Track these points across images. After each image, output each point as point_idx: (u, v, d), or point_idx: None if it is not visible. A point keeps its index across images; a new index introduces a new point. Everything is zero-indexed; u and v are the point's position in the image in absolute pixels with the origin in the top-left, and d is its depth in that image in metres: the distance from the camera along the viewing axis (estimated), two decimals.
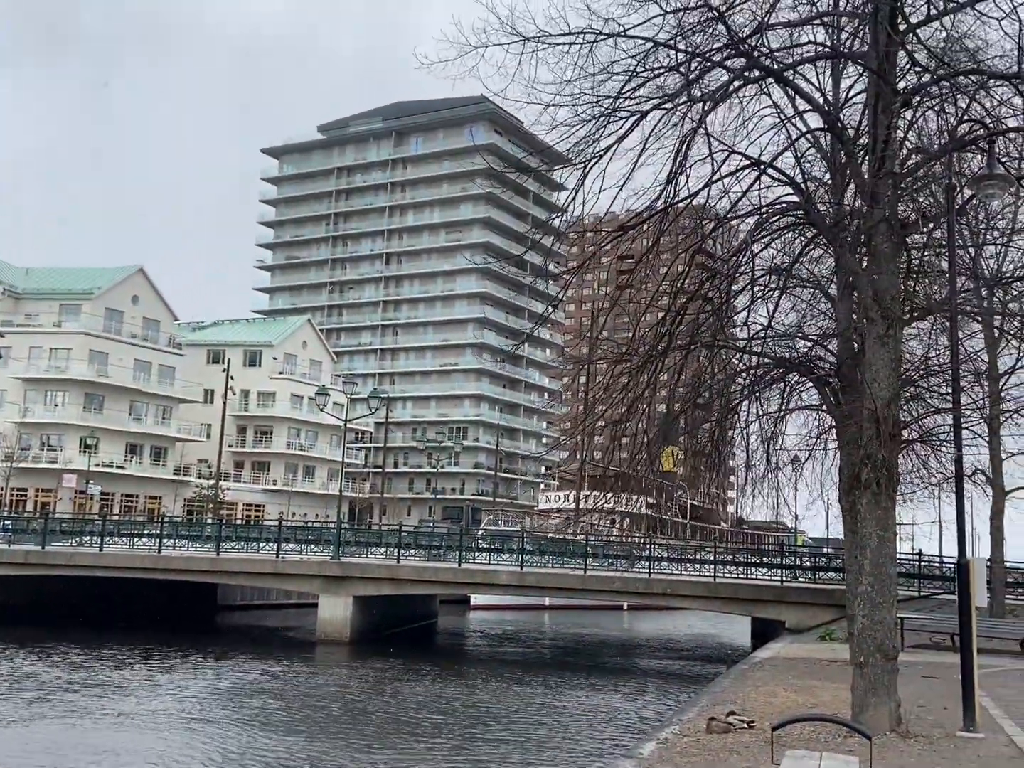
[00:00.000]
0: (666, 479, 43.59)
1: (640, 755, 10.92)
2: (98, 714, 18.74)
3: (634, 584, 31.16)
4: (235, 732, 17.60)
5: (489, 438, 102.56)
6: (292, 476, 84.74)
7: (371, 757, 15.80)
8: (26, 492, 65.59)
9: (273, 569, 32.79)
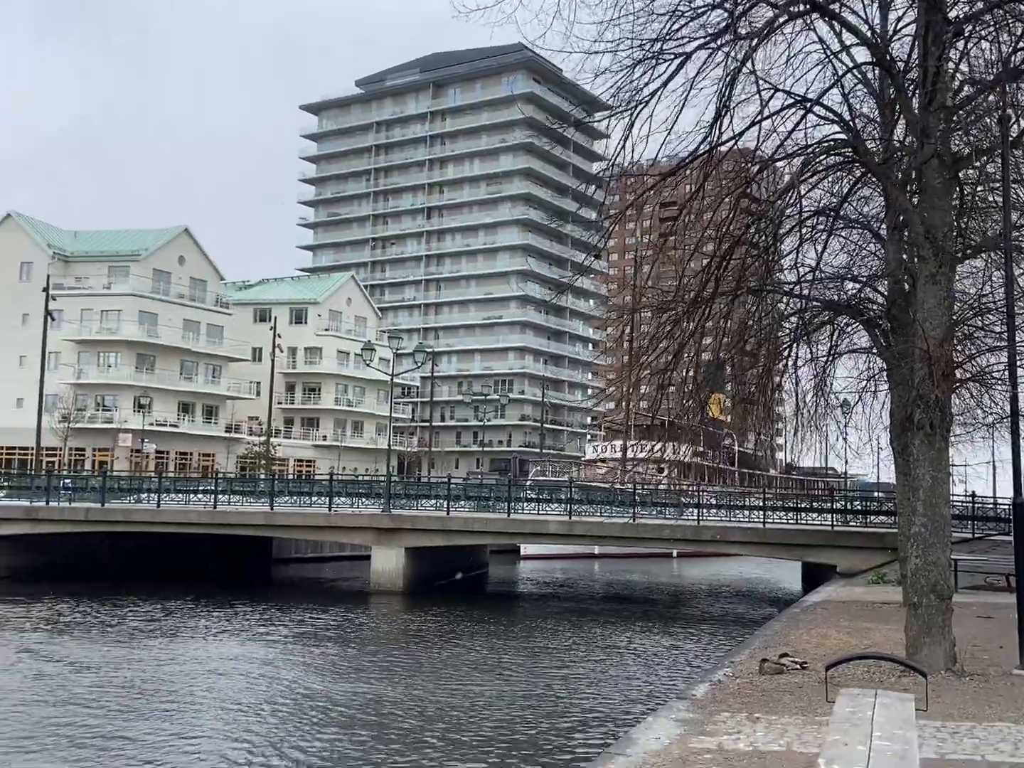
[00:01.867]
0: (713, 427, 43.44)
1: (693, 696, 11.04)
2: (171, 660, 19.43)
3: (683, 531, 31.26)
4: (301, 676, 18.19)
5: (534, 390, 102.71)
6: (341, 431, 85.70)
7: (434, 697, 16.18)
8: (84, 452, 67.09)
9: (326, 522, 33.35)
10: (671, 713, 10.36)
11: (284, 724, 14.59)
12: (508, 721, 14.74)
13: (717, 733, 9.42)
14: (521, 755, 12.76)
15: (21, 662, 19.04)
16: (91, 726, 14.08)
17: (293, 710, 15.51)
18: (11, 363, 66.95)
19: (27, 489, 37.95)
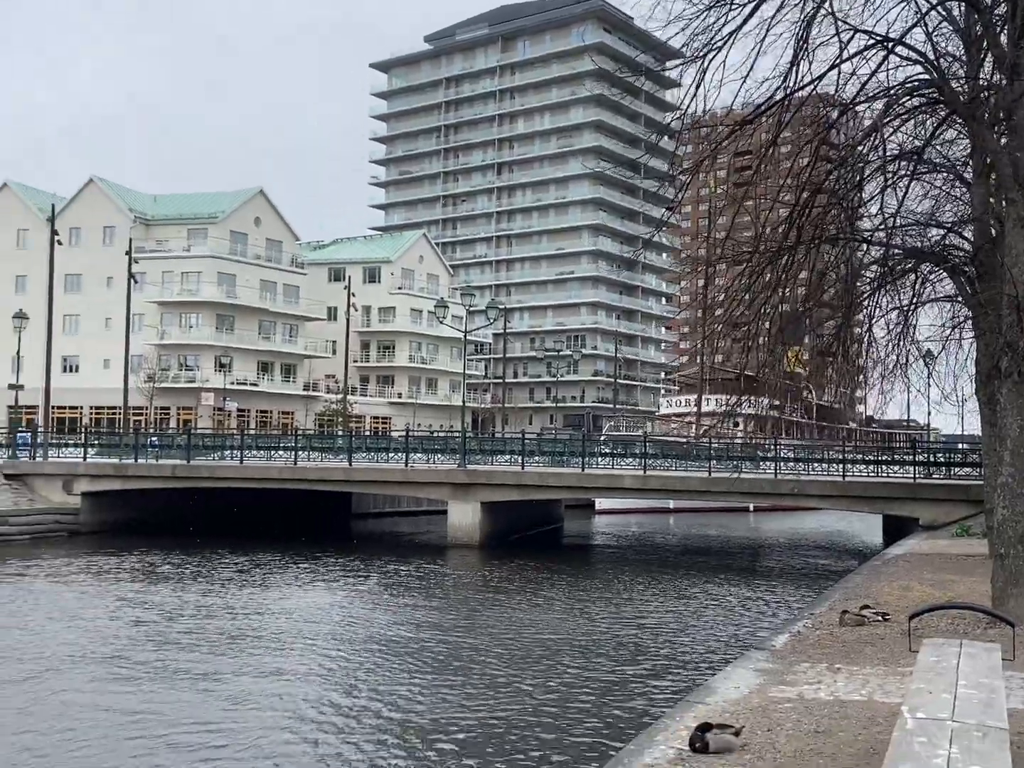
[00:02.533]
0: (790, 380, 42.81)
1: (773, 647, 11.06)
2: (261, 609, 20.10)
3: (760, 484, 31.01)
4: (386, 624, 18.71)
5: (607, 345, 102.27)
6: (416, 388, 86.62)
7: (515, 644, 16.48)
8: (169, 410, 69.06)
9: (403, 478, 33.85)
10: (750, 663, 10.39)
11: (374, 668, 15.03)
12: (588, 668, 14.95)
13: (797, 683, 9.43)
14: (602, 701, 12.93)
15: (120, 610, 19.87)
16: (186, 670, 14.67)
17: (381, 655, 15.97)
18: (98, 325, 68.99)
19: (116, 447, 39.22)
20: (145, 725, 11.94)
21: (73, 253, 66.30)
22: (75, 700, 13.02)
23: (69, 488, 34.94)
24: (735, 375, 39.98)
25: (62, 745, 11.09)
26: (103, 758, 10.66)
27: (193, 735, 11.48)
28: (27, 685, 13.71)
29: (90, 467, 35.80)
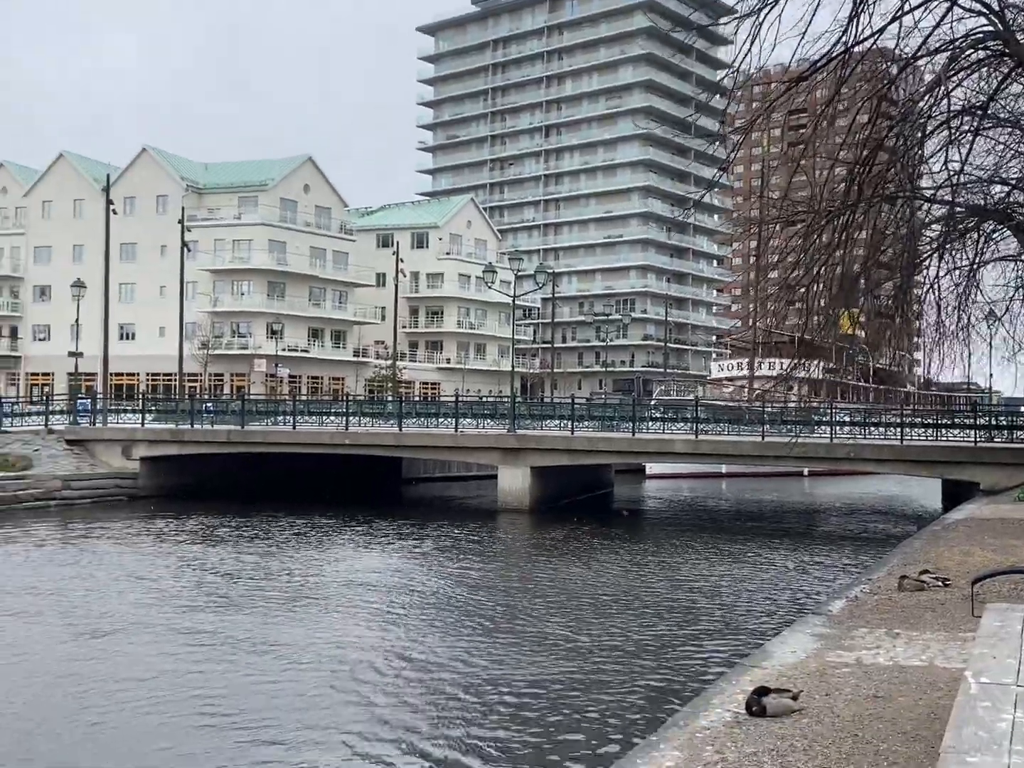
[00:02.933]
0: (846, 342, 42.13)
1: (829, 612, 10.96)
2: (317, 571, 20.47)
3: (814, 449, 30.66)
4: (439, 585, 18.95)
5: (657, 309, 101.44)
6: (464, 354, 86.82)
7: (566, 605, 16.58)
8: (222, 377, 70.03)
9: (452, 443, 34.03)
10: (807, 628, 10.32)
11: (428, 628, 15.24)
12: (642, 630, 14.98)
13: (855, 648, 9.35)
14: (656, 664, 12.94)
15: (180, 570, 20.34)
16: (246, 628, 14.98)
17: (436, 616, 16.20)
18: (153, 293, 70.03)
19: (172, 413, 39.87)
20: (207, 679, 12.24)
21: (128, 222, 67.14)
22: (140, 656, 13.37)
23: (128, 453, 35.67)
24: (789, 338, 39.40)
25: (128, 700, 11.39)
26: (167, 712, 10.93)
27: (252, 692, 11.72)
28: (95, 642, 14.09)
29: (148, 433, 36.50)
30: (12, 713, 11.10)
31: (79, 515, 29.57)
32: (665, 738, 7.57)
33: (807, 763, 6.79)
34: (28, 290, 77.84)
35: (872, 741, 7.02)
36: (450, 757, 9.61)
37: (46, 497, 31.21)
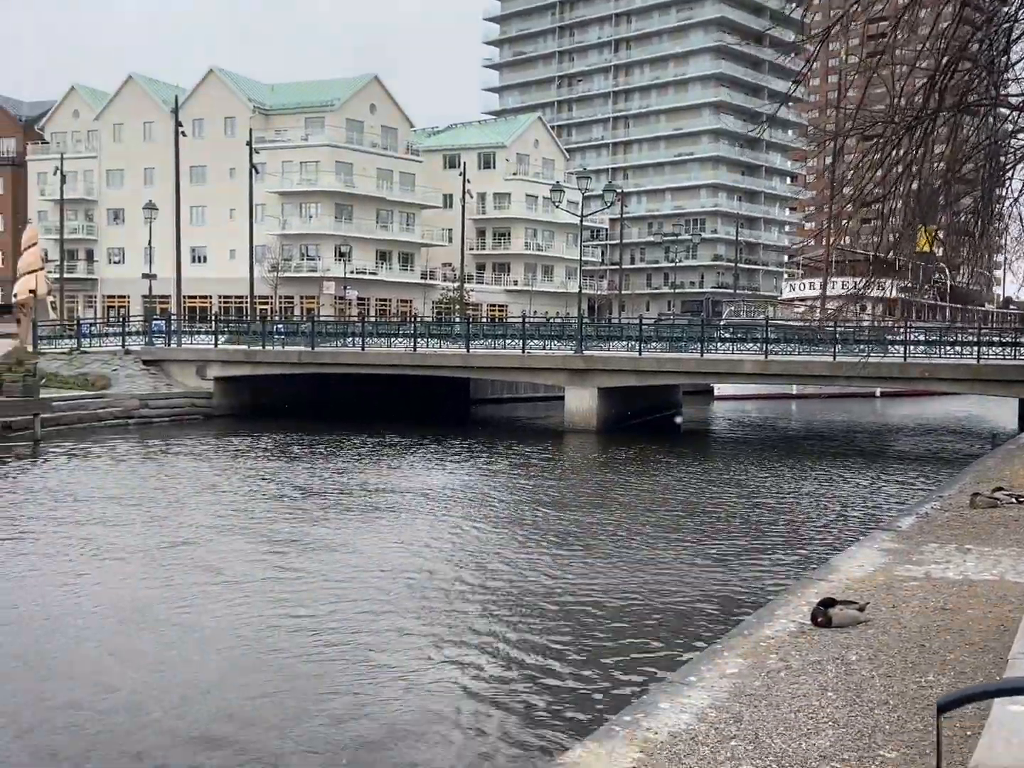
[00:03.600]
0: (923, 260, 40.95)
1: (898, 528, 10.90)
2: (390, 486, 20.93)
3: (887, 369, 30.09)
4: (507, 501, 19.34)
5: (728, 229, 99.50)
6: (531, 276, 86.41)
7: (635, 522, 16.72)
8: (292, 299, 70.88)
9: (519, 363, 34.13)
10: (875, 543, 10.28)
11: (497, 541, 15.56)
12: (707, 544, 15.07)
13: (924, 563, 9.30)
14: (723, 576, 13.02)
15: (259, 485, 20.96)
16: (321, 538, 15.45)
17: (504, 529, 16.53)
18: (223, 216, 70.78)
19: (245, 334, 40.59)
20: (292, 583, 12.74)
21: (196, 145, 67.58)
22: (225, 561, 13.91)
23: (202, 373, 36.52)
24: (864, 257, 38.40)
25: (219, 601, 11.86)
26: (246, 613, 11.36)
27: (338, 596, 12.11)
28: (176, 551, 14.65)
29: (221, 353, 37.27)
30: (115, 610, 11.70)
31: (157, 433, 30.49)
32: (729, 646, 7.66)
33: (872, 671, 6.83)
34: (102, 213, 79.24)
35: (939, 651, 7.02)
36: (527, 659, 9.84)
37: (125, 416, 32.18)
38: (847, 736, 5.80)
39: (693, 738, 5.83)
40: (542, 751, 7.33)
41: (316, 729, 8.18)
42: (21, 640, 10.57)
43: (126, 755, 7.74)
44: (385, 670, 9.57)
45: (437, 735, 8.00)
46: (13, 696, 9.02)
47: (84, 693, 9.01)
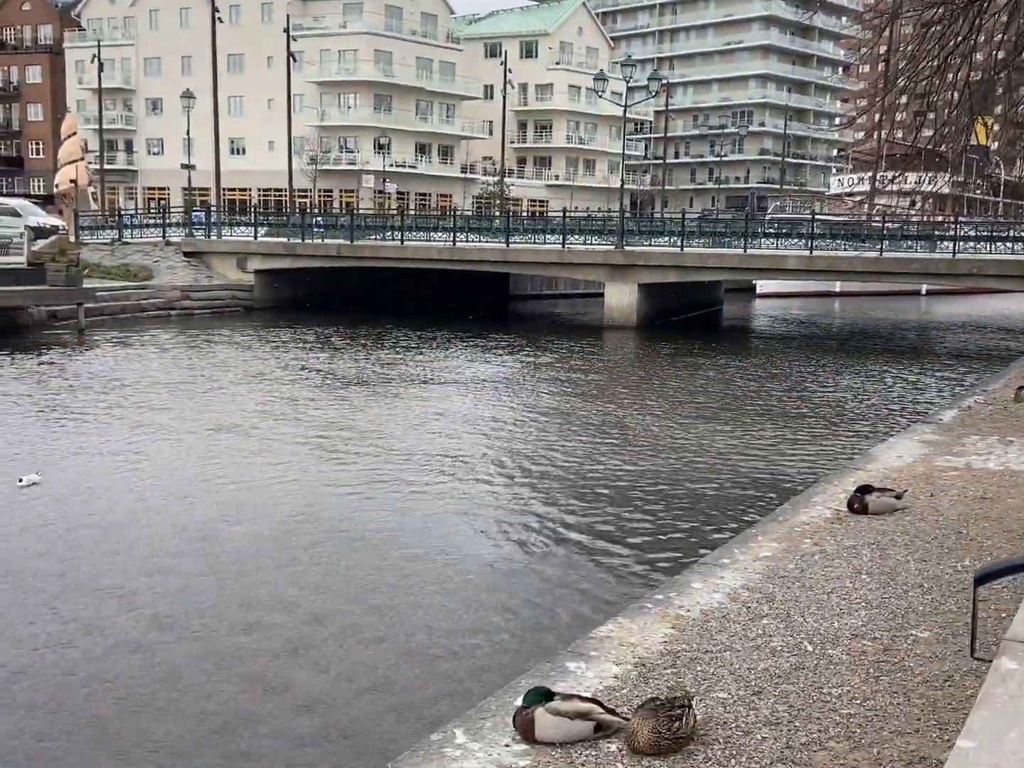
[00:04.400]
0: (977, 154, 39.62)
1: (940, 420, 10.79)
2: (431, 379, 21.09)
3: (935, 265, 29.43)
4: (546, 394, 19.44)
5: (776, 122, 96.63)
6: (573, 170, 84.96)
7: (670, 416, 16.75)
8: (331, 193, 70.43)
9: (559, 259, 33.80)
10: (915, 435, 10.20)
11: (536, 429, 15.71)
12: (746, 435, 15.08)
13: (965, 454, 9.22)
14: (761, 465, 13.03)
15: (301, 374, 21.25)
16: (371, 425, 15.69)
17: (543, 419, 16.68)
18: (261, 106, 69.93)
19: (284, 227, 40.48)
20: (337, 466, 13.01)
21: (233, 32, 66.38)
22: (267, 446, 14.21)
23: (243, 266, 36.63)
24: (916, 151, 37.24)
25: (258, 480, 12.12)
26: (294, 490, 11.62)
27: (383, 480, 12.33)
28: (224, 434, 14.95)
29: (261, 246, 37.28)
30: (169, 486, 12.05)
31: (199, 324, 30.79)
32: (764, 531, 7.69)
33: (907, 556, 6.83)
34: (140, 103, 78.63)
35: (976, 538, 7.00)
36: (562, 539, 9.99)
37: (167, 307, 32.49)
38: (880, 616, 5.83)
39: (725, 616, 5.89)
40: (575, 626, 7.46)
41: (364, 594, 8.38)
42: (84, 512, 10.94)
43: (199, 609, 7.99)
44: (422, 543, 9.81)
45: (467, 610, 8.16)
46: (92, 563, 9.31)
47: (142, 558, 9.29)
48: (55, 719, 6.42)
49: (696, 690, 4.86)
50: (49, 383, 19.33)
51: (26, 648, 7.39)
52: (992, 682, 2.98)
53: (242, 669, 7.09)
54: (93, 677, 6.96)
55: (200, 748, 6.08)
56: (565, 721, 4.39)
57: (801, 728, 4.51)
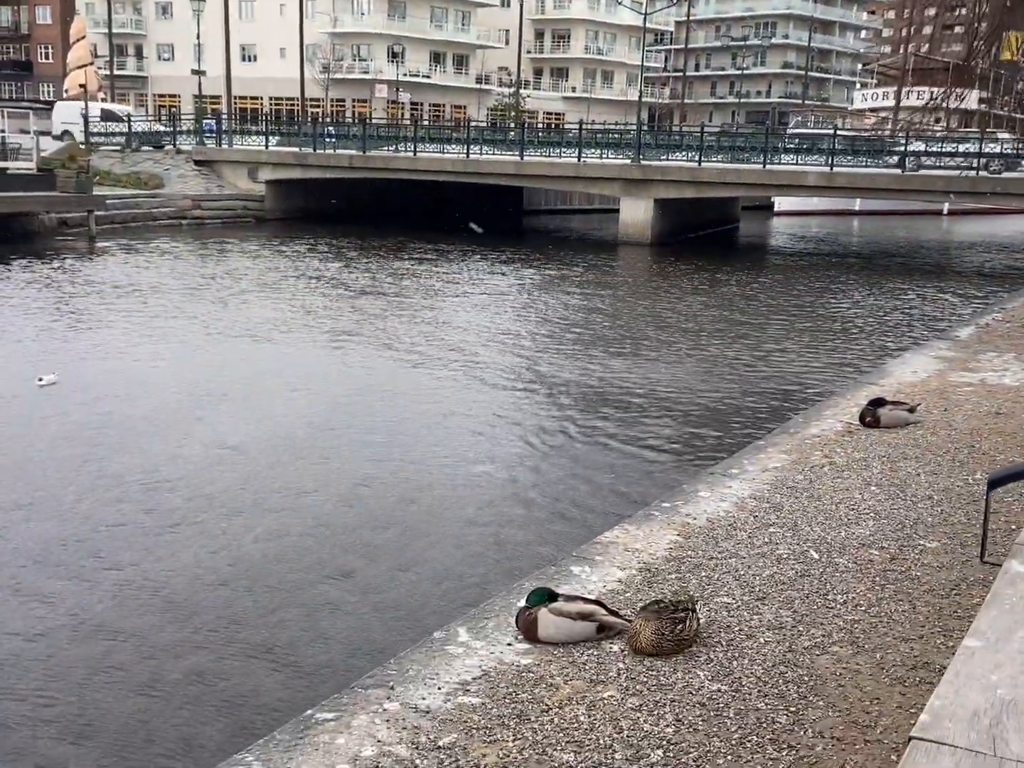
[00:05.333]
0: (1005, 69, 38.51)
1: (956, 337, 10.64)
2: (444, 292, 21.02)
3: (957, 183, 28.80)
4: (559, 308, 19.35)
5: (800, 34, 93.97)
6: (590, 82, 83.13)
7: (690, 328, 16.64)
8: (344, 103, 69.18)
9: (574, 172, 33.24)
10: (931, 351, 10.08)
11: (548, 343, 15.64)
12: (759, 350, 14.98)
13: (980, 370, 9.10)
14: (774, 378, 12.95)
15: (318, 285, 21.21)
16: (385, 335, 15.61)
17: (557, 332, 16.62)
18: (272, 12, 68.29)
19: (296, 136, 39.84)
20: (347, 370, 13.01)
21: None
22: (283, 351, 14.28)
23: (254, 176, 36.18)
24: (943, 65, 36.21)
25: (276, 384, 12.12)
26: (312, 390, 11.62)
27: (403, 384, 12.38)
28: (240, 340, 14.94)
29: (272, 155, 36.76)
30: (188, 388, 12.25)
31: (211, 234, 30.56)
32: (774, 443, 7.64)
33: (918, 469, 6.78)
34: (150, 6, 76.83)
35: (989, 452, 6.93)
36: (571, 447, 9.97)
37: (178, 216, 32.22)
38: (888, 527, 5.80)
39: (731, 524, 5.87)
40: (579, 533, 7.45)
41: (382, 489, 8.41)
42: (103, 409, 11.13)
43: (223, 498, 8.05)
44: (434, 449, 9.85)
45: (477, 513, 8.18)
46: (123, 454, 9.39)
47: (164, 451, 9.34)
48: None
49: (700, 595, 4.86)
50: (63, 288, 19.33)
51: (79, 516, 7.44)
52: (1001, 584, 2.93)
53: (269, 546, 7.13)
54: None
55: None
56: (567, 621, 4.39)
57: (804, 633, 4.51)
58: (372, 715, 3.80)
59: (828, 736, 3.70)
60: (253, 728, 4.95)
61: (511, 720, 3.77)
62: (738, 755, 3.57)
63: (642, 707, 3.87)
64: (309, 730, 3.71)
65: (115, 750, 5.03)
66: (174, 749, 5.03)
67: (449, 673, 4.12)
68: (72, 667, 5.73)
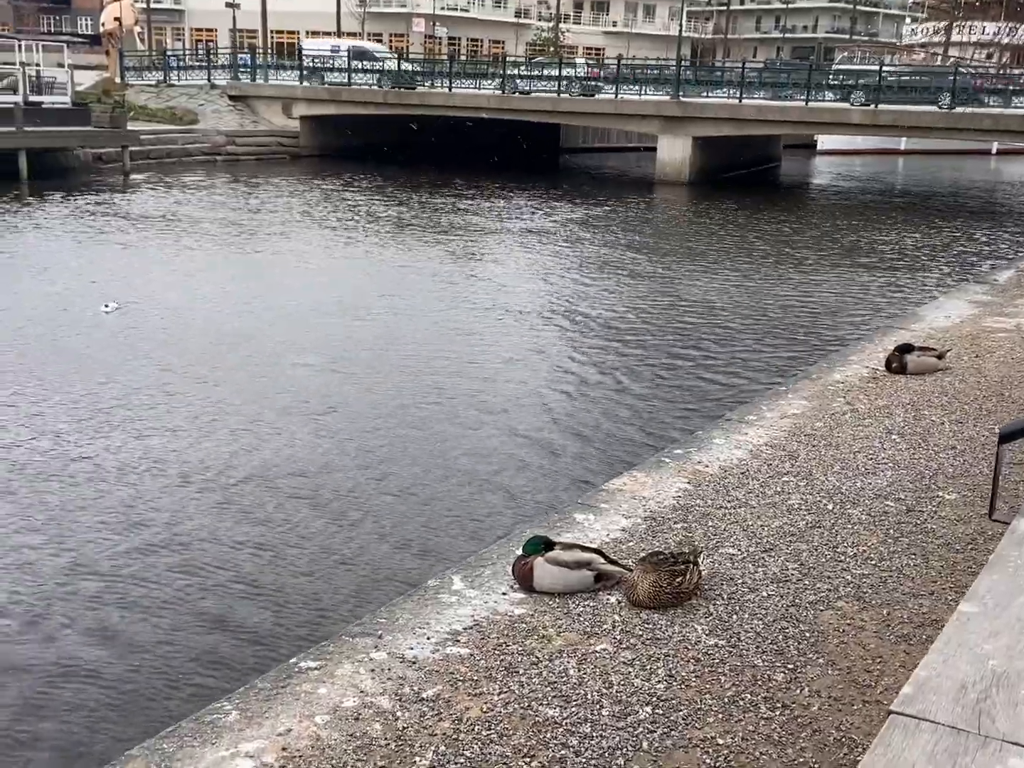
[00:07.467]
0: None
1: (995, 281, 10.29)
2: (482, 229, 20.81)
3: (1007, 121, 27.81)
4: (596, 245, 19.22)
5: None
6: (632, 16, 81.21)
7: (725, 267, 16.38)
8: (380, 37, 68.15)
9: (612, 109, 32.59)
10: (966, 295, 9.75)
11: (585, 280, 15.54)
12: (790, 292, 14.67)
13: (1016, 315, 8.79)
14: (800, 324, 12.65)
15: (357, 219, 21.17)
16: (426, 269, 15.43)
17: (593, 270, 16.52)
18: None
19: (330, 71, 39.31)
20: (387, 301, 12.99)
21: None
22: (326, 278, 14.63)
23: (288, 112, 35.84)
24: None
25: (321, 306, 12.07)
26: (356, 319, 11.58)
27: (448, 325, 12.26)
28: (275, 271, 14.83)
29: (307, 91, 36.35)
30: (231, 303, 12.72)
31: (245, 169, 30.39)
32: (795, 389, 7.43)
33: (943, 417, 6.56)
34: None
35: (1019, 401, 6.68)
36: (606, 383, 9.81)
37: (213, 152, 32.04)
38: (906, 477, 5.61)
39: (744, 472, 5.72)
40: (588, 482, 7.30)
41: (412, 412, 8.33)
42: (158, 324, 11.70)
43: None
44: (466, 383, 9.81)
45: (501, 448, 8.05)
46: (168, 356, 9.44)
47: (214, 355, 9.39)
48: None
49: (705, 545, 4.73)
50: (104, 222, 19.47)
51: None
52: (1006, 545, 2.75)
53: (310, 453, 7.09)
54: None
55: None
56: (564, 571, 4.28)
57: (810, 587, 4.37)
58: (357, 664, 3.73)
59: (825, 695, 3.58)
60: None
61: (499, 672, 3.69)
62: (729, 713, 3.46)
63: (634, 662, 3.77)
64: (291, 679, 3.65)
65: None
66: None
67: (440, 623, 4.03)
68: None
